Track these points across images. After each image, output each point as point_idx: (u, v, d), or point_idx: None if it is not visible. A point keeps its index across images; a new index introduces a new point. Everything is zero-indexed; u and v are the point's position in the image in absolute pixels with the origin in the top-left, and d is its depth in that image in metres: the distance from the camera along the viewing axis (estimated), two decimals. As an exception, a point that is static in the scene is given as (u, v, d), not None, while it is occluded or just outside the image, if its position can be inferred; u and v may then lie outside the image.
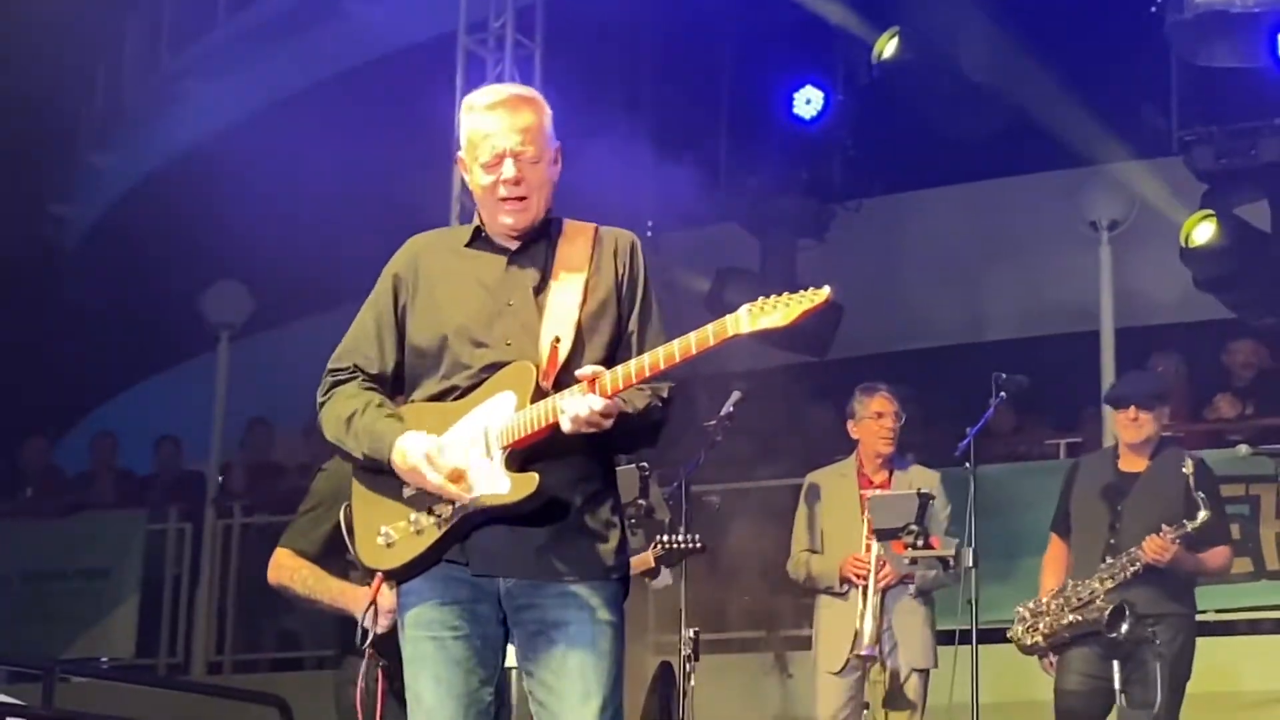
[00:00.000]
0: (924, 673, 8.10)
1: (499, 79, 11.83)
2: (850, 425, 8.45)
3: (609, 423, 4.07)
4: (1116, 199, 12.55)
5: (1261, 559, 10.31)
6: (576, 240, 4.34)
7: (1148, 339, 12.44)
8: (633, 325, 4.30)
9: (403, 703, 5.82)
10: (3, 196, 14.07)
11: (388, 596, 5.97)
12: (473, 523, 4.17)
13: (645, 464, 7.66)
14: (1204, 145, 12.19)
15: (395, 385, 4.41)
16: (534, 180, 4.28)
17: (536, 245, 4.34)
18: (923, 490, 7.88)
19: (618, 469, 4.45)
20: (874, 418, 8.31)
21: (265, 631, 13.19)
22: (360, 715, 5.98)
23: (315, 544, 6.06)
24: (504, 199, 4.27)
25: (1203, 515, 7.55)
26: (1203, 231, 12.06)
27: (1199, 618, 10.47)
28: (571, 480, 4.20)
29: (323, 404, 4.39)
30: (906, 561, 7.89)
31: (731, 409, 7.83)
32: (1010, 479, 10.63)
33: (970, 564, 7.67)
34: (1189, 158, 12.32)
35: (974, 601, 7.68)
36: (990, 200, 14.32)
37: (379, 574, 4.32)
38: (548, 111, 4.35)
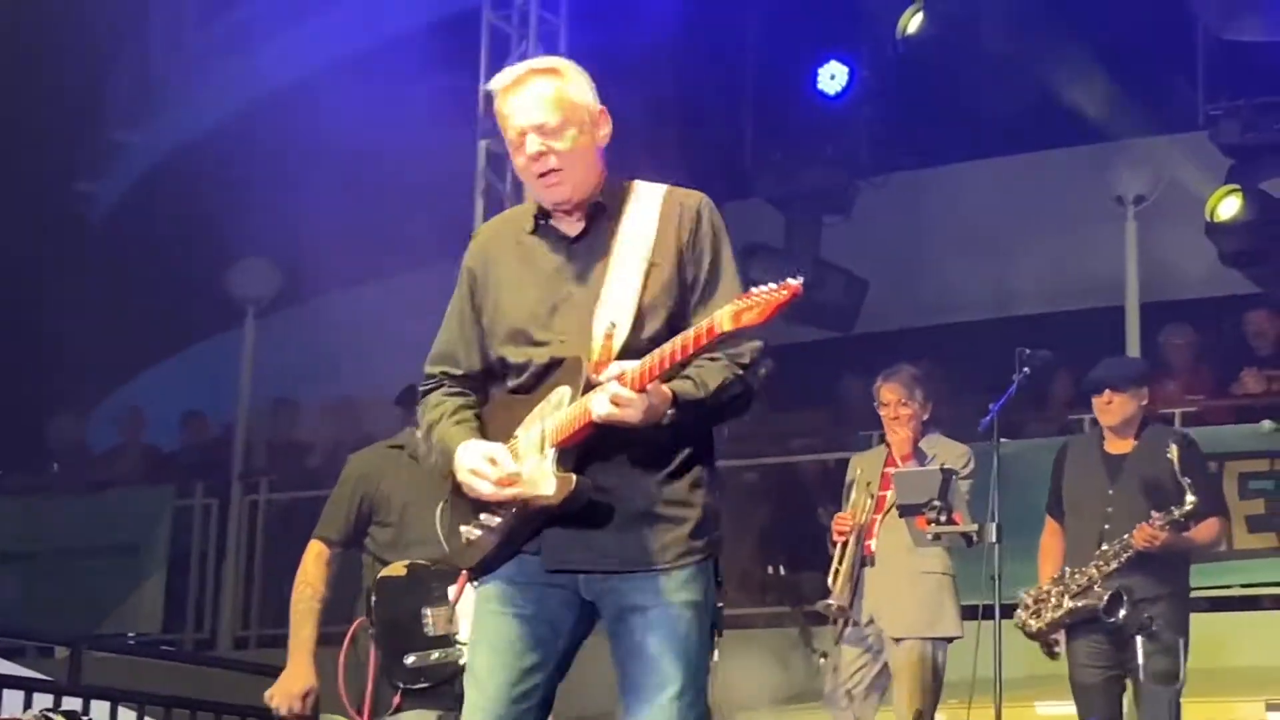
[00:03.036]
0: (929, 641, 8.05)
1: (523, 55, 11.85)
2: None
3: (633, 414, 4.01)
4: (1142, 174, 12.53)
5: (1288, 534, 10.31)
6: (643, 211, 4.26)
7: (1173, 314, 12.42)
8: (696, 299, 4.22)
9: (393, 686, 5.92)
10: (29, 174, 14.11)
11: (300, 679, 6.15)
12: (535, 522, 4.15)
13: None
14: (1230, 119, 12.17)
15: (490, 378, 4.39)
16: (563, 149, 4.20)
17: (598, 225, 4.26)
18: (945, 466, 7.90)
19: None
20: (881, 406, 8.37)
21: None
22: (344, 687, 6.10)
23: (339, 529, 6.28)
24: (537, 176, 4.23)
25: (1189, 501, 7.58)
26: (1228, 206, 12.05)
27: (1224, 594, 10.56)
28: (640, 464, 4.15)
29: (417, 413, 4.45)
30: (929, 537, 7.89)
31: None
32: (1036, 454, 10.62)
33: (994, 539, 7.67)
34: (1215, 132, 12.30)
35: (997, 577, 7.69)
36: (1016, 175, 14.28)
37: (464, 571, 4.34)
38: (572, 77, 4.27)
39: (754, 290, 3.92)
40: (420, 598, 5.95)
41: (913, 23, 12.88)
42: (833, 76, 13.52)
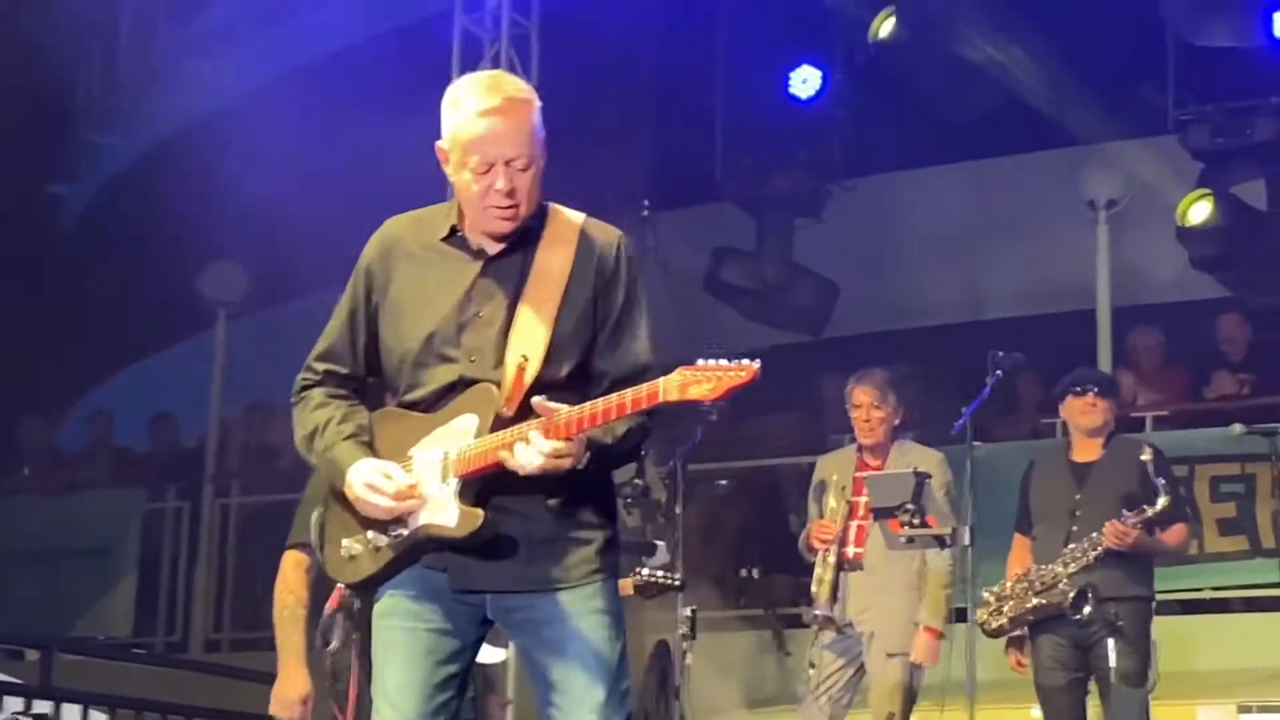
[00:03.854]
0: (904, 657, 8.05)
1: (495, 58, 11.82)
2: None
3: (569, 462, 3.99)
4: (1113, 178, 12.56)
5: (1257, 537, 10.34)
6: (560, 242, 4.19)
7: (1144, 317, 12.46)
8: (605, 337, 4.16)
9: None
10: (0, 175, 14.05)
11: (296, 686, 6.18)
12: (427, 548, 4.11)
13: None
14: (1200, 124, 12.22)
15: (371, 372, 4.32)
16: (524, 186, 4.14)
17: (516, 251, 4.19)
18: (919, 469, 7.90)
19: None
20: (853, 408, 8.36)
21: (263, 609, 13.14)
22: (334, 687, 6.10)
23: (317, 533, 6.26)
24: (493, 207, 4.14)
25: (1163, 500, 7.67)
26: (1199, 210, 12.09)
27: (1195, 597, 10.61)
28: (541, 491, 4.10)
29: (293, 406, 4.35)
30: (903, 540, 7.90)
31: (728, 388, 7.80)
32: (1008, 457, 10.65)
33: (967, 542, 7.69)
34: (1185, 137, 12.35)
35: (970, 580, 7.71)
36: (987, 179, 14.32)
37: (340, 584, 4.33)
38: (537, 106, 4.19)
39: (706, 364, 3.90)
40: (327, 630, 5.94)
41: (885, 27, 12.91)
42: (805, 80, 13.55)
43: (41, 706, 7.53)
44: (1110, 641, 7.52)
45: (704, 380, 3.88)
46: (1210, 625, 10.54)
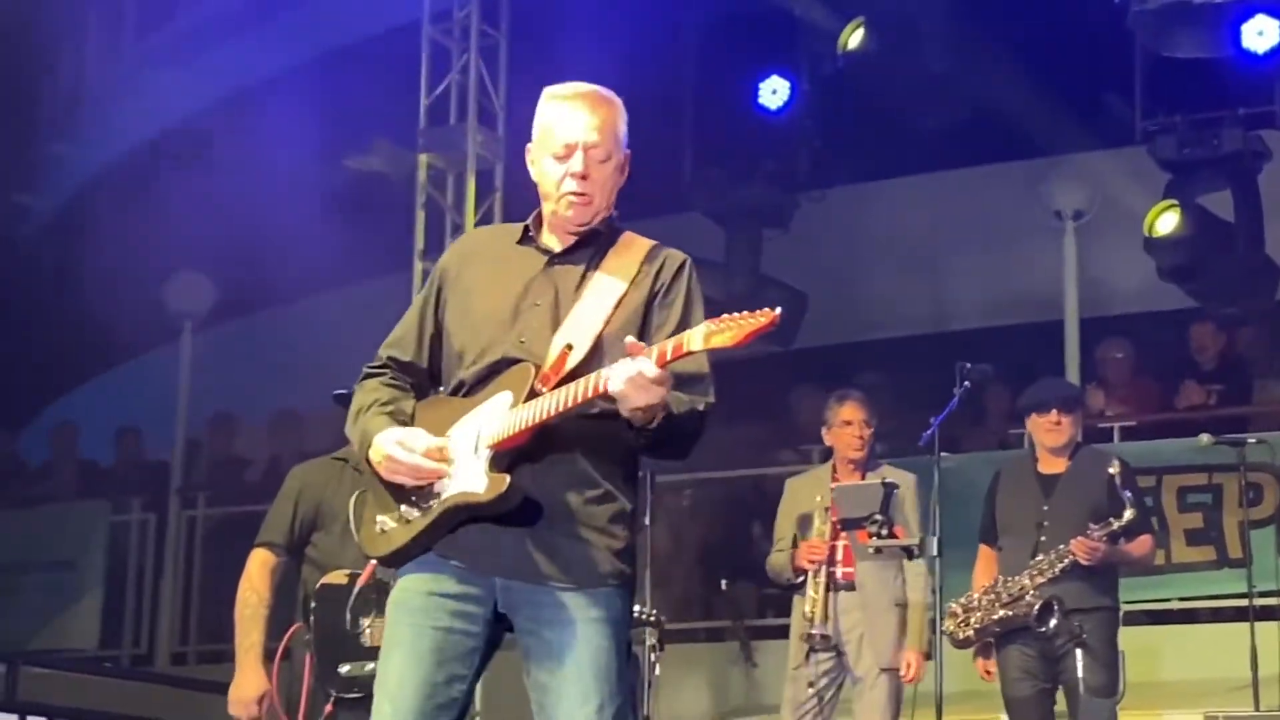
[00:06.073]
0: (894, 672, 8.09)
1: (464, 69, 11.84)
2: (824, 432, 8.50)
3: (661, 393, 3.97)
4: (1080, 189, 12.60)
5: (1224, 548, 10.36)
6: (627, 253, 4.32)
7: (1111, 328, 12.48)
8: (661, 339, 4.14)
9: (326, 694, 5.91)
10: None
11: (253, 685, 6.17)
12: (457, 518, 4.15)
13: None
14: (1167, 135, 12.23)
15: (434, 380, 4.41)
16: (599, 178, 4.28)
17: (584, 250, 4.33)
18: (887, 480, 7.92)
19: None
20: (843, 425, 8.36)
21: (230, 622, 13.12)
22: (275, 692, 6.08)
23: (284, 535, 6.28)
24: (568, 193, 4.27)
25: (1129, 514, 7.69)
26: (1166, 221, 12.11)
27: (1162, 607, 10.62)
28: (565, 483, 4.15)
29: (355, 389, 4.44)
30: (870, 550, 7.91)
31: (695, 399, 7.80)
32: (976, 468, 10.66)
33: (935, 553, 7.70)
34: (1152, 147, 12.36)
35: (939, 591, 7.72)
36: (955, 190, 14.33)
37: (372, 561, 4.38)
38: (624, 116, 4.37)
39: (728, 315, 3.94)
40: (359, 607, 5.93)
41: (854, 38, 12.91)
42: (774, 92, 13.54)
43: (6, 719, 7.49)
44: (1079, 653, 7.54)
45: (726, 329, 3.93)
46: (1177, 635, 10.56)
